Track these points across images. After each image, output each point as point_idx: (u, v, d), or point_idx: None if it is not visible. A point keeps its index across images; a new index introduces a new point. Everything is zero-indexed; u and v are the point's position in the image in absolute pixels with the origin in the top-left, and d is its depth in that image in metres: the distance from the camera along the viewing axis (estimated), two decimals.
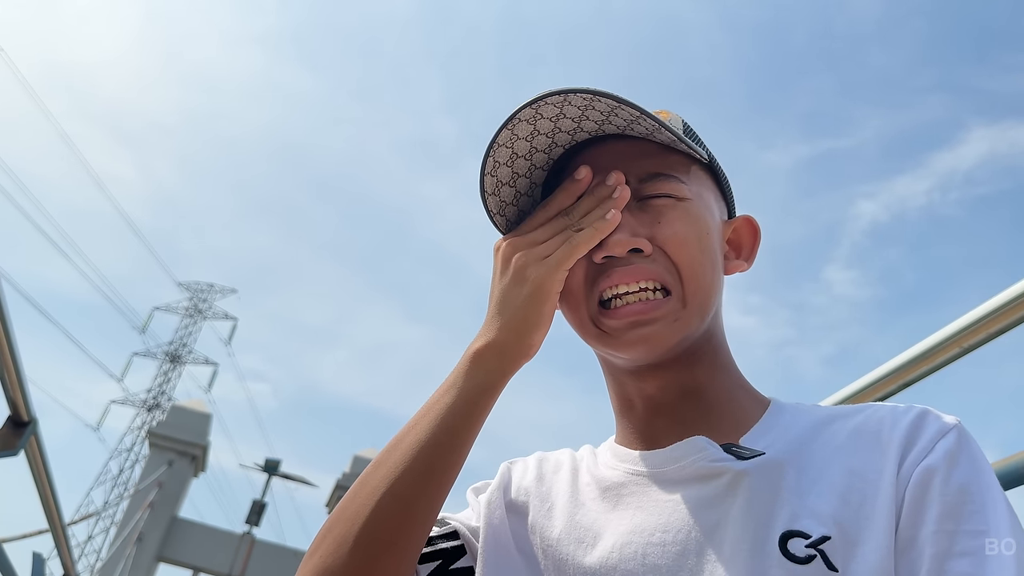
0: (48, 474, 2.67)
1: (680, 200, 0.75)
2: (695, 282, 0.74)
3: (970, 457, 0.66)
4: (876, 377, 1.61)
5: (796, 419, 0.75)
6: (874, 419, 0.71)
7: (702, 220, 0.76)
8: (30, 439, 2.34)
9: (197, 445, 21.96)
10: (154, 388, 34.41)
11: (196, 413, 22.81)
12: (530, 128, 0.75)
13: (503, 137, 0.75)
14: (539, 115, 0.73)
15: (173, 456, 21.59)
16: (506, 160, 0.77)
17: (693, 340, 0.77)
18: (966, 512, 0.62)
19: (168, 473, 21.03)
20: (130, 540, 19.10)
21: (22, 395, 2.16)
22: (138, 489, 21.14)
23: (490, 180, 0.78)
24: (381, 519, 0.68)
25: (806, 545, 0.63)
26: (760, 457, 0.69)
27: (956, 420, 0.69)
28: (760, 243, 0.86)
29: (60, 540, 3.23)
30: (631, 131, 0.75)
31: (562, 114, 0.73)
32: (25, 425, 2.28)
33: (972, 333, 1.38)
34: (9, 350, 1.95)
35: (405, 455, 0.70)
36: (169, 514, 20.44)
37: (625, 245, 0.73)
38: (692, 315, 0.74)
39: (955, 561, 0.61)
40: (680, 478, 0.72)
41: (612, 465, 0.79)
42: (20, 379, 2.09)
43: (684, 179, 0.77)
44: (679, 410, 0.78)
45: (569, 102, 0.72)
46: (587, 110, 0.73)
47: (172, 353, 35.32)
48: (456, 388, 0.73)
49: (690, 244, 0.74)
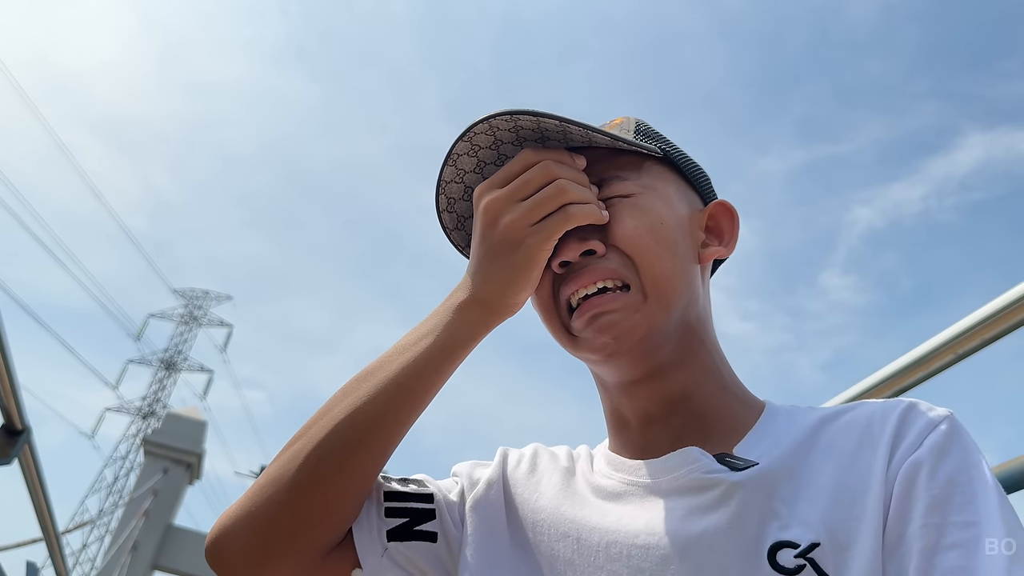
0: (42, 483, 2.65)
1: (626, 197, 0.76)
2: (652, 272, 0.74)
3: (960, 448, 0.64)
4: (871, 384, 1.61)
5: (790, 425, 0.74)
6: (863, 416, 0.70)
7: (654, 211, 0.76)
8: (24, 447, 2.33)
9: (192, 453, 21.87)
10: (149, 395, 34.29)
11: (191, 421, 22.73)
12: (473, 161, 0.78)
13: (448, 174, 0.79)
14: (476, 146, 0.77)
15: (168, 464, 21.50)
16: (460, 195, 0.81)
17: (671, 339, 0.76)
18: (955, 503, 0.60)
19: (163, 481, 20.94)
20: (125, 548, 19.01)
21: (16, 403, 2.15)
22: (133, 497, 21.04)
23: (448, 216, 0.82)
24: (337, 444, 0.70)
25: (795, 555, 0.61)
26: (754, 468, 0.68)
27: (947, 412, 0.67)
28: (739, 226, 0.85)
29: (54, 549, 3.21)
30: (572, 141, 0.77)
31: (498, 140, 0.76)
32: (19, 434, 2.27)
33: (967, 339, 1.38)
34: (3, 358, 1.94)
35: (373, 390, 0.72)
36: (164, 522, 20.34)
37: (577, 248, 0.74)
38: (655, 305, 0.74)
39: (944, 554, 0.58)
40: (673, 488, 0.71)
41: (606, 473, 0.78)
42: (14, 387, 2.08)
43: (631, 176, 0.78)
44: (671, 420, 0.77)
45: (497, 127, 0.75)
46: (520, 131, 0.75)
47: (167, 360, 35.20)
48: (434, 336, 0.74)
49: (641, 235, 0.74)
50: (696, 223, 0.82)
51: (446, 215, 0.83)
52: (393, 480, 0.81)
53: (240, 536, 0.70)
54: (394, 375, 0.73)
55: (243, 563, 0.71)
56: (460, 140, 0.76)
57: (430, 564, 0.76)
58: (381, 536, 0.75)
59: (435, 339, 0.73)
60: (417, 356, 0.73)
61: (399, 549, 0.75)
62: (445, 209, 0.82)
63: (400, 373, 0.73)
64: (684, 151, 0.85)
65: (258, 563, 0.70)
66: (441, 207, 0.82)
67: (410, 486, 0.80)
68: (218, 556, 0.71)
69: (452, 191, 0.81)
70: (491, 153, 0.79)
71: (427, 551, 0.76)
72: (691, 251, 0.80)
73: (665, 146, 0.83)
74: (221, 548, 0.71)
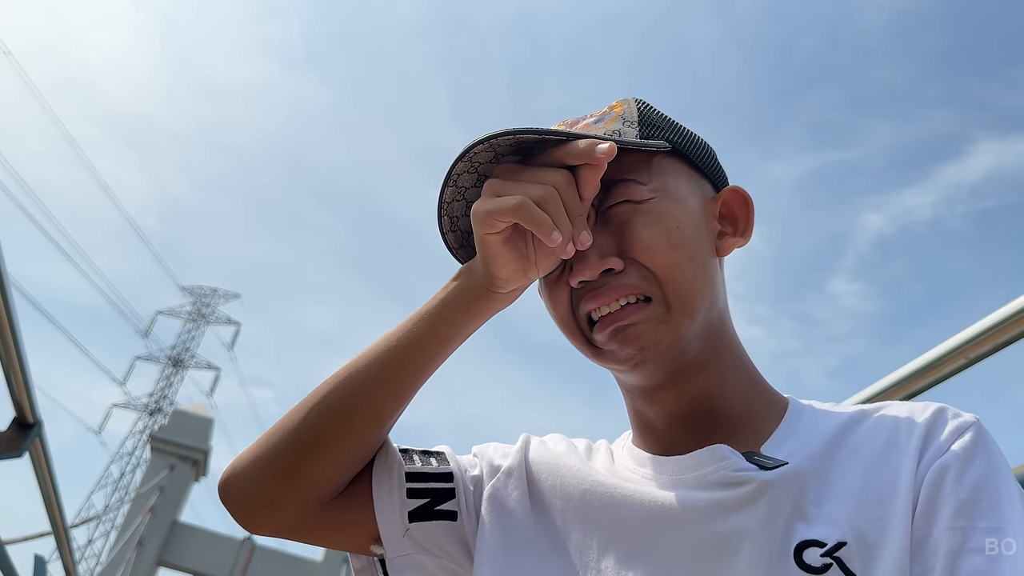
0: (52, 476, 2.67)
1: (639, 203, 0.74)
2: (674, 282, 0.73)
3: (987, 454, 0.65)
4: (881, 387, 1.60)
5: (816, 424, 0.74)
6: (890, 418, 0.71)
7: (669, 216, 0.74)
8: (35, 441, 2.35)
9: (199, 450, 21.92)
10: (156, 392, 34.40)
11: (198, 418, 22.77)
12: (473, 177, 0.75)
13: (449, 195, 0.76)
14: (475, 163, 0.73)
15: (174, 460, 21.54)
16: (463, 212, 0.78)
17: (694, 343, 0.75)
18: (981, 509, 0.61)
19: (169, 477, 20.99)
20: (130, 544, 19.06)
21: (28, 397, 2.17)
22: (139, 493, 21.11)
23: (452, 236, 0.80)
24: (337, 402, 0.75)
25: (821, 554, 0.62)
26: (783, 467, 0.68)
27: (974, 418, 0.68)
28: (754, 213, 0.82)
29: (62, 543, 3.23)
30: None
31: (499, 155, 0.73)
32: (30, 427, 2.28)
33: (977, 345, 1.38)
34: (16, 352, 1.95)
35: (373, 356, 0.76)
36: (170, 519, 20.38)
37: (596, 268, 0.73)
38: (679, 314, 0.73)
39: (968, 558, 0.59)
40: (701, 486, 0.70)
41: (630, 468, 0.78)
42: (27, 381, 2.10)
43: (641, 178, 0.75)
44: (696, 422, 0.77)
45: (498, 144, 0.70)
46: (522, 144, 0.71)
47: (175, 357, 35.30)
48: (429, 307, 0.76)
49: (660, 247, 0.73)
50: (710, 212, 0.80)
51: (450, 235, 0.80)
52: (416, 455, 0.83)
53: (245, 479, 0.76)
54: (393, 343, 0.76)
55: (248, 505, 0.76)
56: (460, 160, 0.72)
57: (451, 542, 0.79)
58: (403, 517, 0.78)
59: (430, 309, 0.76)
60: (413, 325, 0.76)
61: (420, 529, 0.78)
62: (449, 230, 0.79)
63: (398, 341, 0.76)
64: (691, 133, 0.82)
65: (261, 506, 0.76)
66: (445, 228, 0.79)
67: (431, 461, 0.83)
68: (226, 496, 0.77)
69: (455, 210, 0.78)
70: (492, 168, 0.75)
71: (448, 530, 0.79)
72: (708, 246, 0.78)
73: (673, 135, 0.79)
74: (229, 489, 0.77)
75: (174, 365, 35.22)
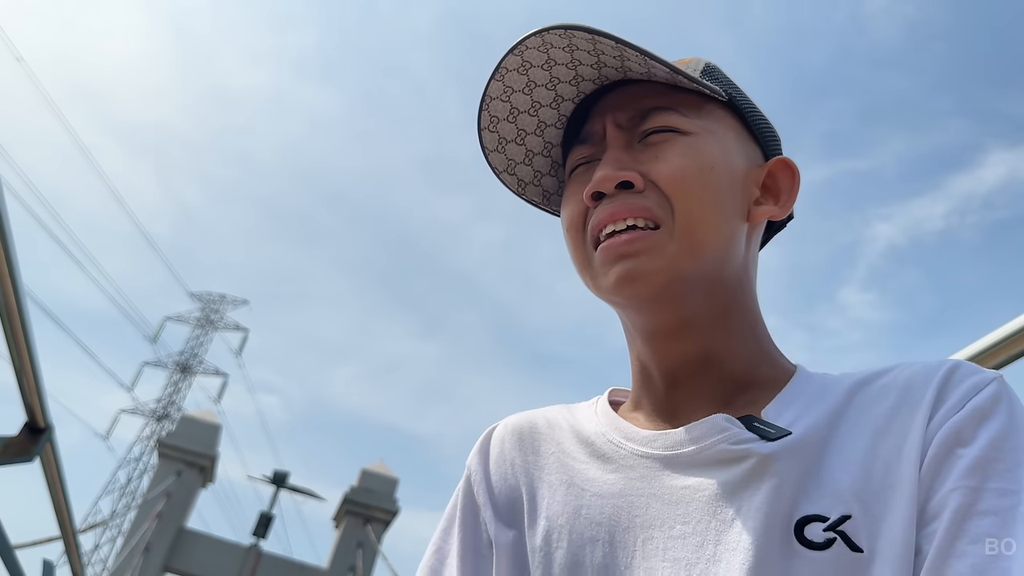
0: (62, 482, 2.67)
1: (683, 134, 0.70)
2: (689, 216, 0.67)
3: (1008, 412, 0.58)
4: None
5: (823, 390, 0.68)
6: (902, 378, 0.64)
7: (706, 153, 0.69)
8: (46, 446, 2.36)
9: (206, 456, 21.94)
10: (164, 398, 34.52)
11: (205, 424, 22.81)
12: (523, 80, 0.72)
13: (495, 89, 0.72)
14: (527, 63, 0.70)
15: (181, 466, 21.56)
16: (505, 115, 0.74)
17: (700, 291, 0.69)
18: (996, 469, 0.55)
19: (176, 483, 21.01)
20: (137, 550, 19.07)
21: (40, 402, 2.18)
22: (146, 499, 21.13)
23: (489, 136, 0.75)
24: None
25: (824, 528, 0.57)
26: (787, 438, 0.62)
27: (996, 374, 0.61)
28: (799, 188, 0.77)
29: (71, 548, 3.24)
30: (631, 73, 0.71)
31: (551, 60, 0.70)
32: (42, 432, 2.29)
33: (987, 358, 1.37)
34: (29, 357, 1.96)
35: None
36: (176, 525, 20.40)
37: (612, 180, 0.68)
38: (683, 250, 0.67)
39: (977, 520, 0.53)
40: (698, 462, 0.65)
41: (618, 443, 0.71)
42: (39, 385, 2.11)
43: (690, 114, 0.71)
44: (697, 382, 0.71)
45: (551, 44, 0.68)
46: (574, 51, 0.69)
47: (182, 363, 35.44)
48: None
49: (687, 176, 0.68)
50: (752, 179, 0.74)
51: (487, 134, 0.75)
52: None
53: None
54: None
55: None
56: (511, 53, 0.69)
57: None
58: None
59: None
60: None
61: None
62: (487, 127, 0.75)
63: None
64: (753, 101, 0.78)
65: None
66: (483, 124, 0.74)
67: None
68: None
69: (497, 109, 0.74)
70: (543, 74, 0.72)
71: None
72: (740, 207, 0.72)
73: (733, 91, 0.75)
74: None
75: (182, 371, 35.34)
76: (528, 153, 0.78)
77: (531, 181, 0.80)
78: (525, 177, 0.80)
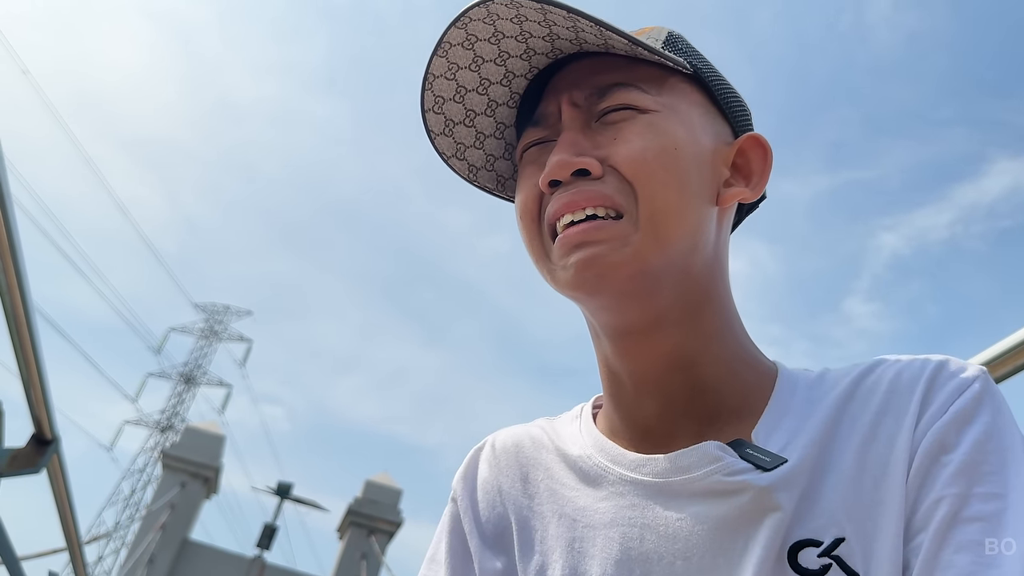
0: (68, 493, 2.68)
1: (642, 112, 0.63)
2: (653, 202, 0.61)
3: (992, 411, 0.56)
4: None
5: (810, 400, 0.64)
6: (886, 381, 0.61)
7: (669, 134, 0.63)
8: (52, 457, 2.37)
9: (209, 467, 21.95)
10: (168, 409, 34.52)
11: (209, 435, 22.82)
12: (469, 55, 0.65)
13: (438, 67, 0.66)
14: (472, 36, 0.64)
15: (185, 478, 21.57)
16: (451, 95, 0.68)
17: (668, 286, 0.63)
18: (981, 472, 0.53)
19: (180, 495, 21.01)
20: (141, 562, 19.05)
21: (47, 413, 2.19)
22: (150, 510, 21.13)
23: (435, 118, 0.69)
24: None
25: (818, 554, 0.54)
26: (783, 467, 0.58)
27: (979, 370, 0.59)
28: (771, 167, 0.70)
29: (77, 560, 3.24)
30: (587, 45, 0.65)
31: (499, 32, 0.64)
32: (48, 443, 2.30)
33: (995, 368, 1.37)
34: (36, 368, 1.97)
35: None
36: (180, 536, 20.39)
37: (568, 167, 0.62)
38: (648, 241, 0.61)
39: (963, 527, 0.51)
40: (692, 492, 0.60)
41: (604, 467, 0.66)
42: (46, 397, 2.12)
43: (651, 90, 0.65)
44: (670, 389, 0.65)
45: (497, 15, 0.62)
46: (524, 22, 0.63)
47: (187, 374, 35.46)
48: None
49: (649, 159, 0.61)
50: (721, 158, 0.68)
51: (432, 115, 0.69)
52: None
53: None
54: None
55: None
56: (453, 26, 0.63)
57: None
58: None
59: None
60: None
61: None
62: (431, 108, 0.68)
63: None
64: (721, 73, 0.72)
65: None
66: (426, 105, 0.68)
67: None
68: None
69: (441, 88, 0.67)
70: (491, 48, 0.65)
71: None
72: (708, 189, 0.65)
73: (698, 62, 0.69)
74: None
75: (186, 382, 35.36)
76: (479, 135, 0.72)
77: (483, 166, 0.74)
78: (476, 162, 0.73)
